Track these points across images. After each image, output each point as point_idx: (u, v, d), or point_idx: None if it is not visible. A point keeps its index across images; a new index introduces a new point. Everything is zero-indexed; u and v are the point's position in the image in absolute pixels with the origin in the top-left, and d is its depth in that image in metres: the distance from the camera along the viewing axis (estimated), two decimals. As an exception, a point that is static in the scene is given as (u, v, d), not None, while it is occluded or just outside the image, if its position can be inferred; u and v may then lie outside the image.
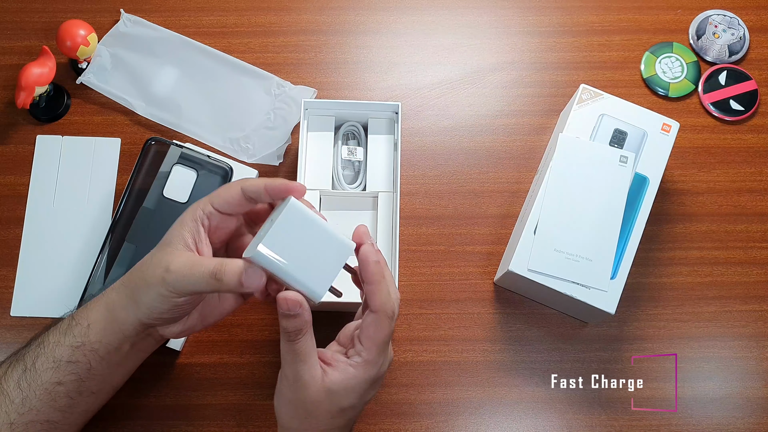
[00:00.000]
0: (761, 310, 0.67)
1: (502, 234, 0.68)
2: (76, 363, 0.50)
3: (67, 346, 0.50)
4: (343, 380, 0.47)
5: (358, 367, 0.47)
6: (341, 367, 0.47)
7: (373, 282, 0.47)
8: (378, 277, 0.47)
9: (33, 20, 0.74)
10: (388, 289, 0.47)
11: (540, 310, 0.66)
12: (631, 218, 0.62)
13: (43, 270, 0.65)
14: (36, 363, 0.50)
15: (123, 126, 0.70)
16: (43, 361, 0.50)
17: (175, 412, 0.62)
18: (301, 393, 0.47)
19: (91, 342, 0.50)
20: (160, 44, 0.72)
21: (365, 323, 0.47)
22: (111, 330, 0.50)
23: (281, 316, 0.47)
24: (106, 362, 0.50)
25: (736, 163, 0.71)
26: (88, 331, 0.50)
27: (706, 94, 0.73)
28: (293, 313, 0.46)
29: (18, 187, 0.68)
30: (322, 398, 0.47)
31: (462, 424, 0.63)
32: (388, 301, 0.47)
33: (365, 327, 0.47)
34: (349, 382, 0.47)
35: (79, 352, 0.50)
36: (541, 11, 0.76)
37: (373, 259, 0.47)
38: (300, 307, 0.46)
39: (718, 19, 0.75)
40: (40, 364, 0.50)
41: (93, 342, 0.50)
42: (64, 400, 0.50)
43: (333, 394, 0.47)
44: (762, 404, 0.64)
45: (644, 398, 0.64)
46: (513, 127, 0.71)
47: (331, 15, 0.75)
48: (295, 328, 0.46)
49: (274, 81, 0.71)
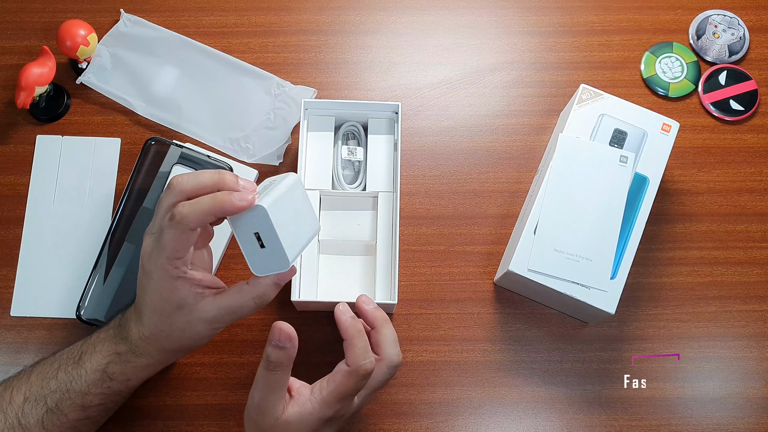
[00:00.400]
0: (761, 310, 0.67)
1: (502, 234, 0.68)
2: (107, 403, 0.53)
3: (99, 394, 0.52)
4: (299, 414, 0.49)
5: (315, 404, 0.50)
6: (301, 401, 0.50)
7: (346, 338, 0.51)
8: (353, 333, 0.51)
9: (33, 20, 0.74)
10: (364, 349, 0.50)
11: (540, 310, 0.66)
12: (631, 218, 0.62)
13: (43, 270, 0.65)
14: (61, 406, 0.51)
15: (123, 126, 0.70)
16: (69, 405, 0.51)
17: (175, 412, 0.62)
18: (260, 417, 0.50)
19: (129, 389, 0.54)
20: (160, 44, 0.72)
21: (337, 369, 0.51)
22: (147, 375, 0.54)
23: (270, 344, 0.49)
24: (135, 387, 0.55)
25: (736, 163, 0.71)
26: (127, 383, 0.53)
27: (706, 94, 0.73)
28: (282, 345, 0.48)
29: (18, 187, 0.68)
30: (278, 427, 0.49)
31: (462, 424, 0.63)
32: (362, 359, 0.50)
33: (335, 373, 0.51)
34: (304, 417, 0.49)
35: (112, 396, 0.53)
36: (541, 11, 0.76)
37: (346, 317, 0.52)
38: (290, 341, 0.48)
39: (718, 19, 0.75)
40: (66, 407, 0.51)
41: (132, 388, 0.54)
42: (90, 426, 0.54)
43: (288, 425, 0.49)
44: (762, 404, 0.64)
45: (644, 398, 0.64)
46: (513, 127, 0.71)
47: (331, 15, 0.75)
48: (277, 359, 0.48)
49: (274, 81, 0.71)
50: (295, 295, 0.61)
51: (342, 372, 0.50)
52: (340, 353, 0.52)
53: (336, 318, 0.52)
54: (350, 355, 0.50)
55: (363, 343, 0.51)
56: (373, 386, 0.53)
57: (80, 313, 0.61)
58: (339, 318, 0.52)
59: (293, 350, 0.49)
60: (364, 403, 0.54)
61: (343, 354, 0.51)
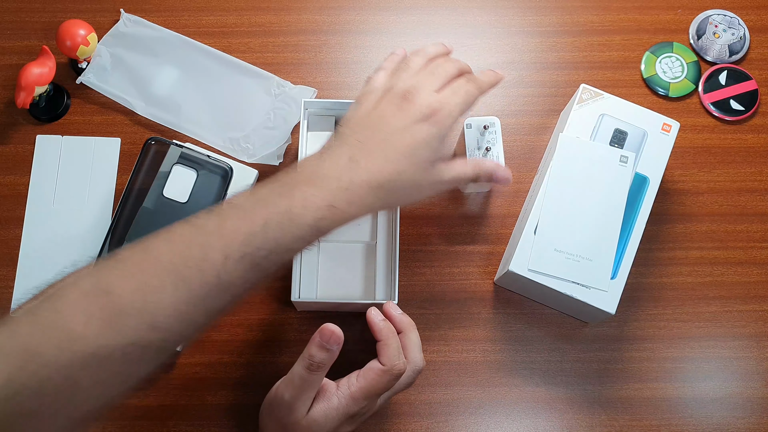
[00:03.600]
0: (761, 310, 0.67)
1: (502, 234, 0.68)
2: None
3: (299, 249, 0.48)
4: (324, 409, 0.50)
5: (342, 399, 0.50)
6: (327, 396, 0.51)
7: (381, 339, 0.52)
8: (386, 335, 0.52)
9: (33, 20, 0.74)
10: (398, 350, 0.52)
11: (540, 310, 0.66)
12: (632, 218, 0.62)
13: (43, 270, 0.65)
14: (264, 264, 0.46)
15: (123, 126, 0.70)
16: (273, 261, 0.46)
17: (175, 412, 0.62)
18: (287, 415, 0.50)
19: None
20: (160, 44, 0.72)
21: (369, 367, 0.52)
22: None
23: (315, 345, 0.50)
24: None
25: (737, 163, 0.71)
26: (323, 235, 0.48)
27: (707, 94, 0.73)
28: (329, 348, 0.49)
29: (18, 187, 0.68)
30: (303, 424, 0.50)
31: (462, 424, 0.63)
32: (396, 359, 0.51)
33: (367, 371, 0.51)
34: (329, 413, 0.50)
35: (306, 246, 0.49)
36: (541, 11, 0.76)
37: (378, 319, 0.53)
38: (338, 345, 0.50)
39: (719, 19, 0.75)
40: (269, 264, 0.46)
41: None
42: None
43: (314, 422, 0.50)
44: (762, 404, 0.64)
45: (644, 398, 0.64)
46: (513, 127, 0.71)
47: (331, 15, 0.75)
48: (321, 361, 0.49)
49: (274, 81, 0.71)
50: (294, 295, 0.61)
51: (375, 370, 0.51)
52: (342, 352, 0.52)
53: (369, 321, 0.53)
54: (385, 355, 0.51)
55: (396, 344, 0.52)
56: (396, 388, 0.54)
57: (80, 313, 0.61)
58: (373, 320, 0.53)
59: (337, 353, 0.50)
60: (382, 405, 0.55)
61: (342, 361, 0.52)
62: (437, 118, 0.51)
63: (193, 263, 0.44)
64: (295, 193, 0.47)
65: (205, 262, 0.44)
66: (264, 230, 0.45)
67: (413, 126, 0.50)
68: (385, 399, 0.55)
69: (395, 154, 0.50)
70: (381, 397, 0.53)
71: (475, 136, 0.63)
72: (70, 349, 0.40)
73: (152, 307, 0.42)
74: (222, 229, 0.45)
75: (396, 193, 0.50)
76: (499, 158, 0.63)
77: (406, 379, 0.54)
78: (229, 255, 0.44)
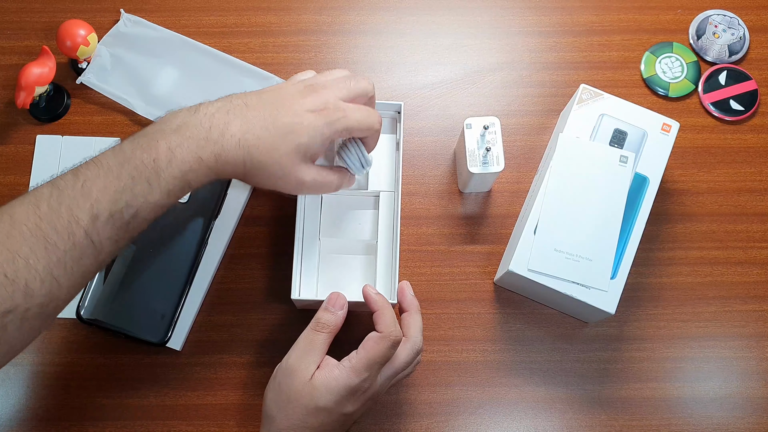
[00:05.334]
0: (761, 310, 0.67)
1: (502, 234, 0.68)
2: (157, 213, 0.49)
3: (168, 205, 0.48)
4: (325, 379, 0.50)
5: (342, 371, 0.50)
6: (328, 367, 0.51)
7: (377, 309, 0.53)
8: (381, 305, 0.53)
9: (33, 20, 0.74)
10: (393, 319, 0.53)
11: (540, 310, 0.66)
12: (631, 218, 0.62)
13: (43, 270, 0.65)
14: (133, 222, 0.46)
15: (123, 126, 0.70)
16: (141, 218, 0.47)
17: (175, 412, 0.62)
18: (289, 379, 0.51)
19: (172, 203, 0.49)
20: (160, 44, 0.72)
21: (368, 338, 0.52)
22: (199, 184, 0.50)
23: (321, 309, 0.54)
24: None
25: (736, 163, 0.71)
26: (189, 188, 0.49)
27: (706, 94, 0.73)
28: (332, 311, 0.53)
29: (18, 187, 0.68)
30: (304, 392, 0.50)
31: (462, 424, 0.63)
32: (392, 327, 0.52)
33: (366, 341, 0.52)
34: (330, 383, 0.50)
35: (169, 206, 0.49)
36: (541, 11, 0.76)
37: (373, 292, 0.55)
38: (341, 309, 0.54)
39: (718, 19, 0.75)
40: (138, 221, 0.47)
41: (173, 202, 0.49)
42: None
43: (314, 389, 0.50)
44: (762, 404, 0.64)
45: (644, 398, 0.64)
46: (513, 127, 0.71)
47: (331, 15, 0.75)
48: (326, 321, 0.53)
49: (274, 81, 0.71)
50: (295, 293, 0.61)
51: (373, 338, 0.51)
52: (343, 350, 0.52)
53: (365, 293, 0.55)
54: (381, 323, 0.52)
55: (391, 314, 0.53)
56: (396, 367, 0.54)
57: (80, 313, 0.61)
58: (368, 293, 0.55)
59: (341, 319, 0.53)
60: (384, 387, 0.54)
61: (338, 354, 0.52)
62: (328, 116, 0.52)
63: (62, 227, 0.44)
64: (160, 144, 0.47)
65: (74, 225, 0.44)
66: (131, 187, 0.45)
67: (304, 113, 0.51)
68: (387, 379, 0.54)
69: (274, 128, 0.50)
70: (381, 376, 0.53)
71: (475, 136, 0.64)
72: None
73: (24, 274, 0.43)
74: (88, 190, 0.45)
75: (261, 169, 0.50)
76: (499, 158, 0.63)
77: (405, 357, 0.55)
78: (97, 215, 0.44)
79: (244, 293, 0.66)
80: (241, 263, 0.66)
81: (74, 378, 0.63)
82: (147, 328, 0.61)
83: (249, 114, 0.50)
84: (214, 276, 0.66)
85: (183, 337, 0.63)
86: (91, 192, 0.45)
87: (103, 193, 0.45)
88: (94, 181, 0.45)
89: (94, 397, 0.62)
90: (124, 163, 0.46)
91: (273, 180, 0.52)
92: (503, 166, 0.63)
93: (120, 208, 0.45)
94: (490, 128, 0.64)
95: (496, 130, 0.64)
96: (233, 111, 0.50)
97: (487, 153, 0.63)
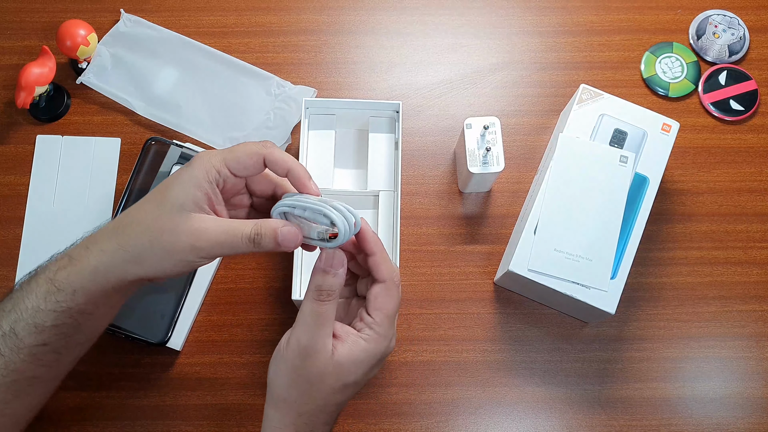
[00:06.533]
0: (761, 310, 0.67)
1: (502, 234, 0.68)
2: (61, 325, 0.46)
3: (50, 311, 0.45)
4: (351, 354, 0.45)
5: (370, 341, 0.45)
6: (352, 339, 0.45)
7: (377, 252, 0.46)
8: (380, 246, 0.46)
9: (33, 20, 0.74)
10: (390, 259, 0.47)
11: (540, 310, 0.66)
12: (631, 218, 0.62)
13: (43, 270, 0.65)
14: (15, 328, 0.46)
15: (123, 126, 0.70)
16: (23, 327, 0.46)
17: (175, 412, 0.62)
18: (308, 361, 0.44)
19: (78, 305, 0.46)
20: (160, 44, 0.72)
21: (373, 294, 0.46)
22: (102, 292, 0.46)
23: (318, 272, 0.45)
24: (95, 316, 0.47)
25: (736, 163, 0.71)
26: (74, 296, 0.45)
27: (706, 94, 0.73)
28: (333, 272, 0.45)
29: (18, 187, 0.68)
30: (329, 371, 0.44)
31: (461, 424, 0.63)
32: (394, 269, 0.46)
33: (374, 298, 0.46)
34: (359, 356, 0.45)
35: (64, 315, 0.46)
36: (541, 11, 0.76)
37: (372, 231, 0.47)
38: (342, 267, 0.45)
39: (718, 19, 0.75)
40: (20, 330, 0.46)
41: (81, 304, 0.46)
42: (50, 356, 0.47)
43: (340, 367, 0.44)
44: (762, 404, 0.64)
45: (644, 398, 0.64)
46: (513, 127, 0.71)
47: (331, 15, 0.75)
48: (329, 287, 0.45)
49: (274, 81, 0.71)
50: (295, 293, 0.61)
51: (381, 292, 0.46)
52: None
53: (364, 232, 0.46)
54: (383, 269, 0.46)
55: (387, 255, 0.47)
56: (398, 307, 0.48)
57: (80, 313, 0.61)
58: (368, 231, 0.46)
59: (344, 277, 0.45)
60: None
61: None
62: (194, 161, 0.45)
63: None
64: (40, 278, 0.46)
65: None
66: (12, 331, 0.46)
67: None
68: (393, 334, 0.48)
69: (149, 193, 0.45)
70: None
71: (475, 136, 0.64)
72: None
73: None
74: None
75: (139, 243, 0.44)
76: (499, 158, 0.63)
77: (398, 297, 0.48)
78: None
79: (244, 293, 0.66)
80: (241, 263, 0.66)
81: (74, 378, 0.63)
82: (147, 328, 0.61)
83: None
84: (214, 276, 0.66)
85: (183, 337, 0.63)
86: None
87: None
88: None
89: (94, 397, 0.62)
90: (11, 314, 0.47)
91: (163, 261, 0.45)
92: (503, 166, 0.63)
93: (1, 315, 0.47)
94: (490, 128, 0.64)
95: (496, 130, 0.64)
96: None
97: (487, 153, 0.63)
